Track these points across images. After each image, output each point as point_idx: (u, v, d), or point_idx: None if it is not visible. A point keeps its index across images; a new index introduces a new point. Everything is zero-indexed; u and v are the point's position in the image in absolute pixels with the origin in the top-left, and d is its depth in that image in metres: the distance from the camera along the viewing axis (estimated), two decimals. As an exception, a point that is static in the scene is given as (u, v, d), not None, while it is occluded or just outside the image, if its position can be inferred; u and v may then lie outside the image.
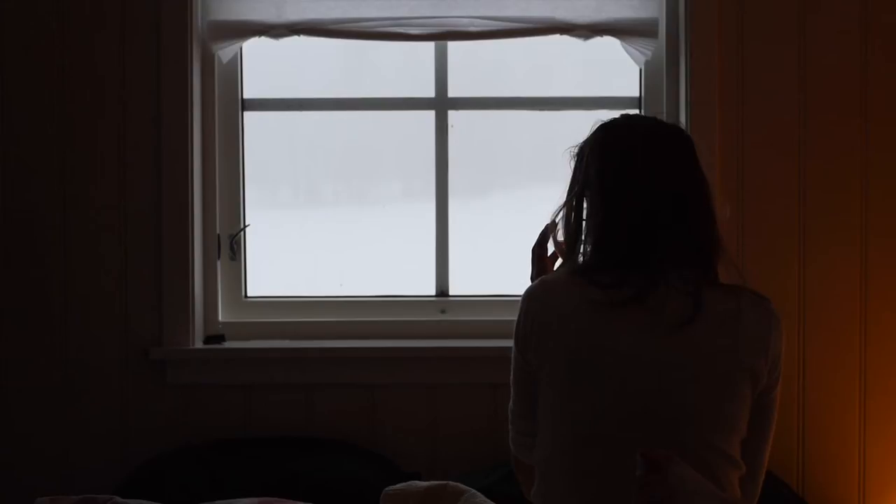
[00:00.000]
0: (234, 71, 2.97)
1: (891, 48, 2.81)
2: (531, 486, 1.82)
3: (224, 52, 2.88)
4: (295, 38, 2.88)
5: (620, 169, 1.73)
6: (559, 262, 1.96)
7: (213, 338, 2.91)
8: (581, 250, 1.78)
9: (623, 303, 1.64)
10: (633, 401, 1.63)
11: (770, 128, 2.81)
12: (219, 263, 2.95)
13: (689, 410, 1.63)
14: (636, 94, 2.97)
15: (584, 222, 1.78)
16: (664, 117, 1.93)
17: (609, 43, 2.87)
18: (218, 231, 2.96)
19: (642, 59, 2.87)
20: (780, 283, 2.78)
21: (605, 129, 1.81)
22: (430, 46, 2.96)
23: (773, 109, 2.81)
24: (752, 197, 2.81)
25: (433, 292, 3.01)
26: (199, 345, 2.87)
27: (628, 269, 1.67)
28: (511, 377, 1.81)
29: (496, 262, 2.96)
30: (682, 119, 2.80)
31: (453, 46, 2.96)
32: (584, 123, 1.86)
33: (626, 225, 1.70)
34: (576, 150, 1.83)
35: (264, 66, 3.00)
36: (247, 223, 2.99)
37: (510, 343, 1.79)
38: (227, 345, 2.90)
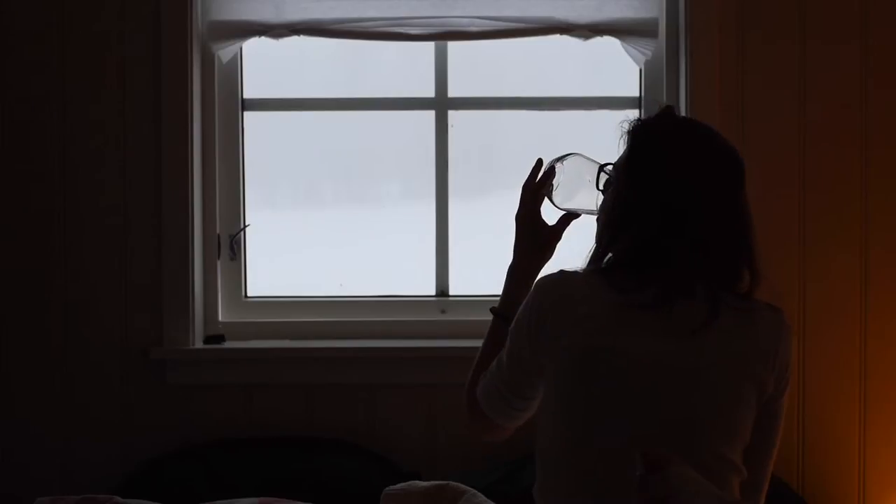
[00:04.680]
0: (234, 71, 2.96)
1: (891, 47, 2.81)
2: (480, 429, 1.89)
3: (224, 52, 2.88)
4: (295, 38, 2.88)
5: (660, 177, 1.70)
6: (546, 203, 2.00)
7: (213, 338, 2.91)
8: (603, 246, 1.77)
9: (639, 306, 1.63)
10: (640, 403, 1.62)
11: (771, 128, 2.81)
12: (219, 263, 2.95)
13: (694, 415, 1.63)
14: (636, 94, 2.97)
15: (617, 213, 1.74)
16: None
17: (609, 43, 2.86)
18: (218, 231, 2.95)
19: (642, 58, 2.87)
20: (780, 283, 2.77)
21: (658, 133, 1.76)
22: (430, 46, 2.96)
23: (774, 109, 2.81)
24: (752, 197, 2.77)
25: (433, 292, 3.00)
26: (199, 345, 2.87)
27: (648, 273, 1.66)
28: (506, 353, 1.77)
29: (496, 262, 2.95)
30: (682, 119, 2.80)
31: (453, 46, 2.96)
32: (585, 124, 1.84)
33: (651, 230, 1.68)
34: (629, 128, 1.78)
35: (264, 66, 3.00)
36: (247, 223, 2.99)
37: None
38: (227, 345, 2.90)
